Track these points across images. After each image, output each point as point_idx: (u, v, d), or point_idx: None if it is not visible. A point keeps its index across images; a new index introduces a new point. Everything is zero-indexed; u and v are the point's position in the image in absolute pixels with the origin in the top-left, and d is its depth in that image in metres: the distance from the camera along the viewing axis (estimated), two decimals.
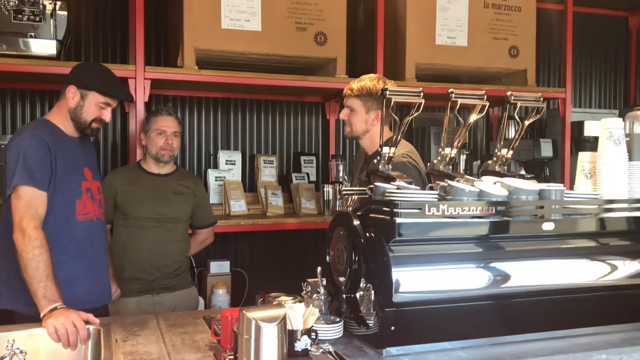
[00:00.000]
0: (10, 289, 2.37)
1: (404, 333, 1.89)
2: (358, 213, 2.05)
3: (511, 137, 3.98)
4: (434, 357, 1.88)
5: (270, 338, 1.66)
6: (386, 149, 2.16)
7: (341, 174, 4.04)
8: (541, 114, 2.33)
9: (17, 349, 1.92)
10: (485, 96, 2.19)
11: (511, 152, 2.31)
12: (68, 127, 2.50)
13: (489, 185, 2.03)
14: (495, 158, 2.32)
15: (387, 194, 1.93)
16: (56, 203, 2.37)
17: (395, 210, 1.85)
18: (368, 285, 1.93)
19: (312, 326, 1.87)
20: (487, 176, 2.20)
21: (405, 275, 1.86)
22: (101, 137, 3.99)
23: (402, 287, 1.84)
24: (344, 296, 2.03)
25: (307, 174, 4.24)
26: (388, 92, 2.09)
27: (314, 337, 1.86)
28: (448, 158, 2.22)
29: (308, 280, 2.27)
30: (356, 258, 1.96)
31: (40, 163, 2.33)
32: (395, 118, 2.31)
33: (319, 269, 2.18)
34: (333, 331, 2.02)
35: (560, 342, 2.01)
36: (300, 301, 2.10)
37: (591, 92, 5.54)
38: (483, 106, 2.20)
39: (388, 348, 1.89)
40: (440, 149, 2.23)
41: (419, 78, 3.84)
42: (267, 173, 4.11)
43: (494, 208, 1.96)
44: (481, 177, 2.20)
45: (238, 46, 3.47)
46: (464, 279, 1.97)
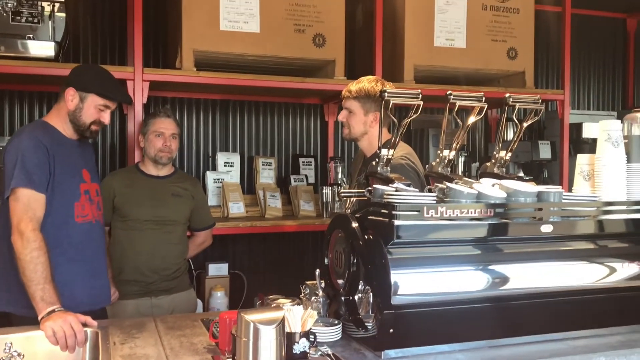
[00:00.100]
0: (8, 292, 2.36)
1: (403, 335, 1.89)
2: (356, 215, 2.05)
3: (509, 139, 3.99)
4: None
5: (268, 341, 1.66)
6: (385, 151, 2.16)
7: (340, 176, 4.04)
8: (539, 116, 2.33)
9: (15, 352, 1.91)
10: (483, 98, 2.19)
11: (510, 154, 2.31)
12: (67, 129, 2.49)
13: (488, 187, 2.03)
14: (493, 160, 2.32)
15: (386, 196, 1.93)
16: (54, 205, 2.37)
17: (393, 212, 1.85)
18: (366, 287, 1.93)
19: (311, 329, 1.86)
20: (486, 178, 2.20)
21: (403, 277, 1.86)
22: (99, 139, 3.99)
23: (401, 290, 1.84)
24: (343, 298, 2.02)
25: (306, 176, 4.24)
26: (386, 94, 2.09)
27: (313, 340, 1.86)
28: (446, 160, 2.22)
29: (306, 282, 2.27)
30: (355, 260, 1.96)
31: (38, 165, 2.33)
32: (393, 120, 2.30)
33: (318, 272, 2.18)
34: (331, 334, 2.01)
35: (558, 345, 2.02)
36: (298, 304, 2.09)
37: (589, 94, 5.55)
38: (481, 108, 2.20)
39: (386, 350, 1.88)
40: (438, 151, 2.23)
41: (418, 80, 3.84)
42: (266, 175, 4.10)
43: (493, 210, 1.96)
44: (480, 179, 2.20)
45: (236, 48, 3.47)
46: (463, 282, 1.97)
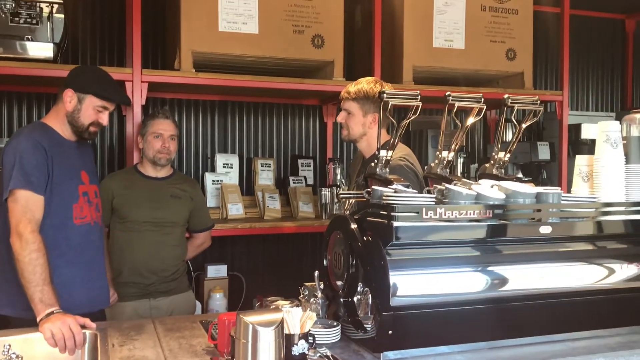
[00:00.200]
0: (7, 294, 2.35)
1: (402, 337, 1.88)
2: (355, 216, 2.05)
3: (508, 140, 4.00)
4: None
5: (267, 342, 1.66)
6: (383, 152, 2.16)
7: (339, 177, 4.03)
8: (538, 117, 2.33)
9: (13, 354, 1.91)
10: (482, 99, 2.19)
11: (508, 155, 2.31)
12: (65, 131, 2.49)
13: (487, 188, 2.03)
14: (492, 161, 2.32)
15: (385, 198, 1.93)
16: (53, 207, 2.36)
17: (392, 213, 1.85)
18: (365, 289, 1.93)
19: (310, 330, 1.86)
20: (485, 179, 2.20)
21: (402, 279, 1.85)
22: (98, 140, 3.98)
23: (400, 291, 1.84)
24: (342, 300, 2.02)
25: (305, 177, 4.24)
26: (385, 95, 2.08)
27: (312, 341, 1.86)
28: (445, 161, 2.22)
29: (305, 284, 2.27)
30: (354, 262, 1.96)
31: (37, 167, 2.32)
32: (392, 121, 2.31)
33: (317, 273, 2.18)
34: (330, 335, 2.01)
35: (558, 346, 2.02)
36: (297, 305, 2.09)
37: (588, 95, 5.55)
38: (480, 109, 2.20)
39: (386, 352, 1.88)
40: (437, 152, 2.23)
41: (417, 81, 3.84)
42: (265, 176, 4.10)
43: (492, 211, 1.96)
44: (478, 180, 2.20)
45: (235, 49, 3.47)
46: (462, 283, 1.97)
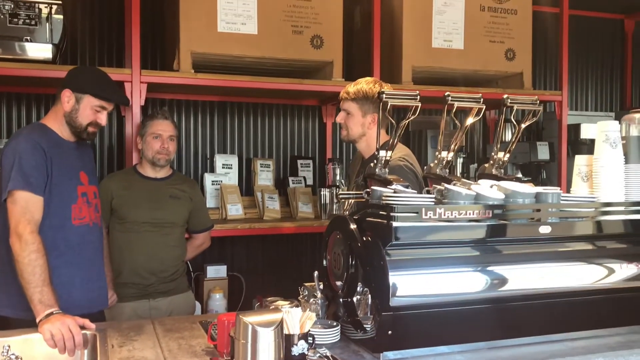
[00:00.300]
0: (6, 295, 2.35)
1: (401, 337, 1.88)
2: (355, 217, 2.05)
3: (508, 140, 4.00)
4: None
5: (267, 343, 1.66)
6: (383, 153, 2.16)
7: (338, 178, 4.03)
8: (538, 117, 2.33)
9: (13, 355, 1.91)
10: (481, 99, 2.19)
11: (508, 155, 2.31)
12: (64, 131, 2.49)
13: (486, 188, 2.03)
14: (491, 161, 2.32)
15: (384, 198, 1.93)
16: (52, 208, 2.36)
17: (392, 214, 1.85)
18: (365, 289, 1.93)
19: (309, 330, 1.86)
20: (484, 179, 2.20)
21: (402, 279, 1.85)
22: (97, 141, 3.98)
23: (399, 291, 1.84)
24: (341, 300, 2.02)
25: (304, 178, 4.24)
26: (384, 96, 2.08)
27: (311, 342, 1.86)
28: (445, 161, 2.22)
29: (305, 284, 2.27)
30: (353, 262, 1.95)
31: (36, 167, 2.32)
32: (391, 121, 2.31)
33: (316, 273, 2.18)
34: (330, 335, 2.01)
35: (557, 346, 2.02)
36: (297, 305, 2.09)
37: (587, 95, 5.55)
38: (479, 109, 2.20)
39: (385, 352, 1.88)
40: (437, 152, 2.23)
41: (416, 81, 3.84)
42: (264, 177, 4.10)
43: (491, 211, 1.96)
44: (478, 181, 2.20)
45: (234, 50, 3.47)
46: (461, 283, 1.97)
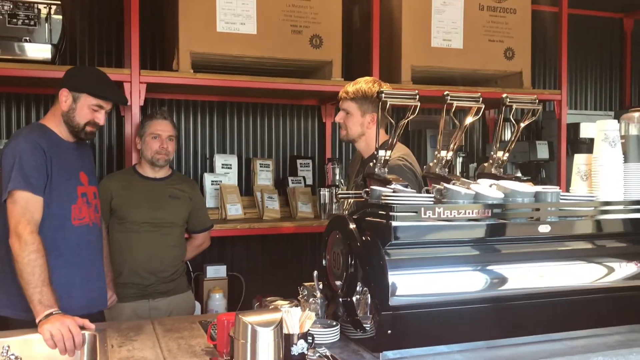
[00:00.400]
0: (6, 295, 2.35)
1: (401, 336, 1.89)
2: (354, 216, 2.05)
3: (507, 140, 3.99)
4: None
5: (266, 342, 1.66)
6: (382, 152, 2.16)
7: (337, 178, 4.04)
8: (537, 116, 2.33)
9: (12, 355, 1.91)
10: (480, 98, 2.19)
11: (507, 155, 2.32)
12: (63, 131, 2.49)
13: (485, 187, 2.03)
14: (491, 160, 2.32)
15: (383, 197, 1.93)
16: (52, 208, 2.36)
17: (391, 213, 1.84)
18: (364, 288, 1.93)
19: (309, 330, 1.86)
20: (483, 179, 2.20)
21: (401, 278, 1.85)
22: (97, 141, 3.98)
23: (399, 291, 1.84)
24: (341, 300, 2.02)
25: (304, 178, 4.24)
26: (384, 95, 2.08)
27: (311, 341, 1.86)
28: (444, 161, 2.22)
29: (304, 284, 2.27)
30: (352, 262, 1.95)
31: (36, 168, 2.32)
32: (391, 121, 2.31)
33: (316, 273, 2.18)
34: (330, 335, 2.01)
35: (557, 345, 2.02)
36: (296, 305, 2.09)
37: (587, 94, 5.55)
38: (479, 108, 2.20)
39: (385, 352, 1.88)
40: (436, 152, 2.23)
41: (415, 81, 3.84)
42: (264, 177, 4.10)
43: (490, 211, 1.96)
44: (477, 180, 2.20)
45: (233, 49, 3.47)
46: (461, 282, 1.97)
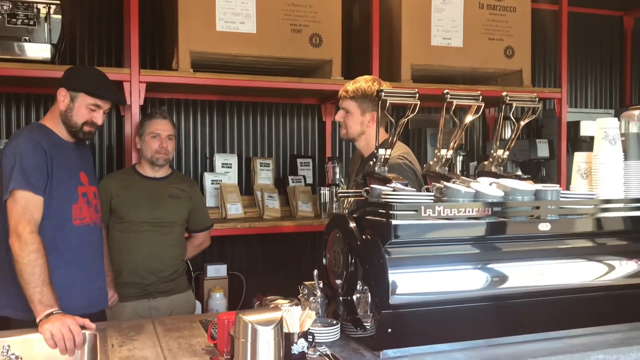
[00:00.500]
0: (7, 295, 2.35)
1: (401, 335, 1.89)
2: (354, 215, 2.04)
3: (507, 138, 3.99)
4: (431, 359, 1.87)
5: (266, 341, 1.66)
6: (382, 151, 2.16)
7: (337, 177, 4.04)
8: (537, 114, 2.33)
9: (13, 355, 1.91)
10: (480, 97, 2.19)
11: (507, 153, 2.31)
12: (62, 131, 2.49)
13: (485, 186, 2.03)
14: (491, 159, 2.32)
15: (383, 196, 1.92)
16: (52, 208, 2.36)
17: (391, 212, 1.84)
18: (365, 287, 1.93)
19: (309, 329, 1.86)
20: (483, 177, 2.20)
21: (401, 277, 1.85)
22: (97, 141, 3.98)
23: (399, 289, 1.84)
24: (341, 299, 2.02)
25: (304, 177, 4.24)
26: (383, 94, 2.08)
27: (311, 340, 1.86)
28: (444, 159, 2.22)
29: (305, 283, 2.27)
30: (352, 260, 1.95)
31: (36, 167, 2.32)
32: (390, 119, 2.31)
33: (316, 272, 2.18)
34: (330, 334, 2.01)
35: (557, 343, 2.01)
36: (297, 304, 2.09)
37: (587, 92, 5.55)
38: (479, 107, 2.20)
39: (385, 350, 1.88)
40: (436, 150, 2.23)
41: (415, 79, 3.84)
42: (264, 176, 4.10)
43: (490, 209, 1.96)
44: (477, 178, 2.19)
45: (233, 48, 3.46)
46: (461, 281, 1.96)
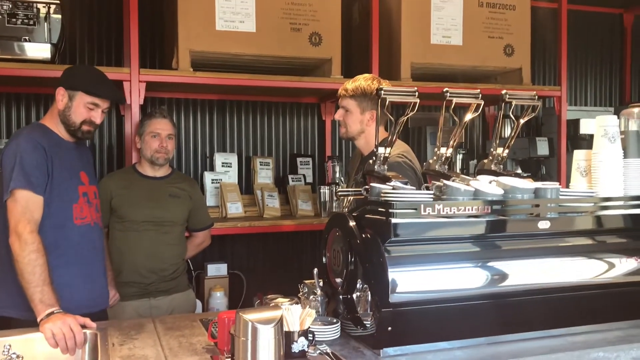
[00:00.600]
0: (8, 295, 2.35)
1: (401, 333, 1.89)
2: (354, 214, 2.05)
3: (507, 136, 3.99)
4: (432, 357, 1.88)
5: (267, 340, 1.66)
6: (382, 149, 2.16)
7: (337, 175, 4.04)
8: (537, 113, 2.33)
9: (14, 354, 1.92)
10: (480, 95, 2.19)
11: (507, 151, 2.31)
12: (62, 131, 2.49)
13: (485, 184, 2.03)
14: (491, 157, 2.32)
15: (383, 195, 1.93)
16: (53, 207, 2.37)
17: (390, 210, 1.85)
18: (365, 286, 1.93)
19: (309, 327, 1.86)
20: (483, 175, 2.20)
21: (401, 275, 1.86)
22: (97, 140, 3.98)
23: (399, 288, 1.84)
24: (341, 297, 2.02)
25: (304, 176, 4.24)
26: (383, 92, 2.08)
27: (311, 339, 1.86)
28: (444, 157, 2.22)
29: (305, 281, 2.27)
30: (352, 259, 1.96)
31: (37, 167, 2.32)
32: (390, 118, 2.30)
33: (316, 271, 2.18)
34: (330, 332, 2.02)
35: (557, 341, 2.02)
36: (297, 303, 2.10)
37: (586, 90, 5.54)
38: (478, 105, 2.20)
39: (385, 348, 1.89)
40: (436, 149, 2.23)
41: (414, 77, 3.83)
42: (264, 175, 4.10)
43: (490, 207, 1.96)
44: (477, 177, 2.20)
45: (233, 48, 3.47)
46: (461, 279, 1.97)
